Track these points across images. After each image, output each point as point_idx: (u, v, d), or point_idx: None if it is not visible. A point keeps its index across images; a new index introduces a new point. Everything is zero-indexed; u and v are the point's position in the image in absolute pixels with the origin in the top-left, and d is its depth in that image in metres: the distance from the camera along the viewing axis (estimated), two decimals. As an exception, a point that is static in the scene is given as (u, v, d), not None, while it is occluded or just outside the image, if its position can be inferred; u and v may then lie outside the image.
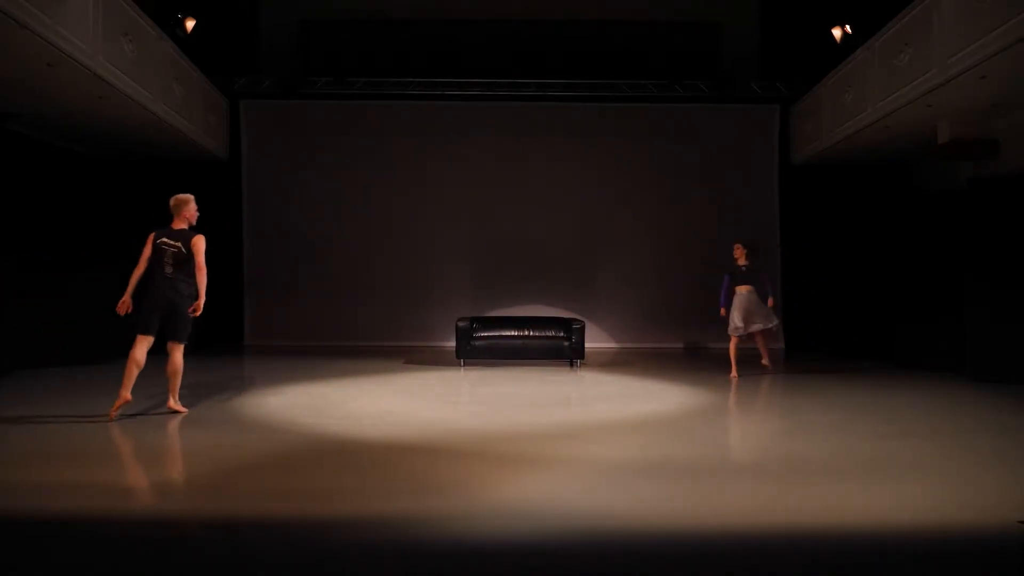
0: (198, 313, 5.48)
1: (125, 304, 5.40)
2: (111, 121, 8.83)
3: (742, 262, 8.41)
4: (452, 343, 10.04)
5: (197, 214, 5.74)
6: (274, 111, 12.48)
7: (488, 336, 9.34)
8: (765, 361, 8.67)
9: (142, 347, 5.44)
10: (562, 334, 9.35)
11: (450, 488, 3.80)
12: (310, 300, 12.26)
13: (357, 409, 6.08)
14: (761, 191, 12.52)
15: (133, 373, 5.38)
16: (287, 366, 9.02)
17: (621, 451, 4.74)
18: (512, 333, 9.36)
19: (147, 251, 5.49)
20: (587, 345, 9.77)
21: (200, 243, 5.51)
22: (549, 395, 7.15)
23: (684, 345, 12.16)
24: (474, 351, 9.28)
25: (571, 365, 9.45)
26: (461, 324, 9.34)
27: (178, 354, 5.59)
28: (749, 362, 8.89)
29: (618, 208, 12.55)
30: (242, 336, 12.14)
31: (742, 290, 8.34)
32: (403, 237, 12.49)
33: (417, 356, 10.62)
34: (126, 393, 5.35)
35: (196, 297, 5.49)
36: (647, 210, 12.54)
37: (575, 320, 9.59)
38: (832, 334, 11.70)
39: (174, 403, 5.67)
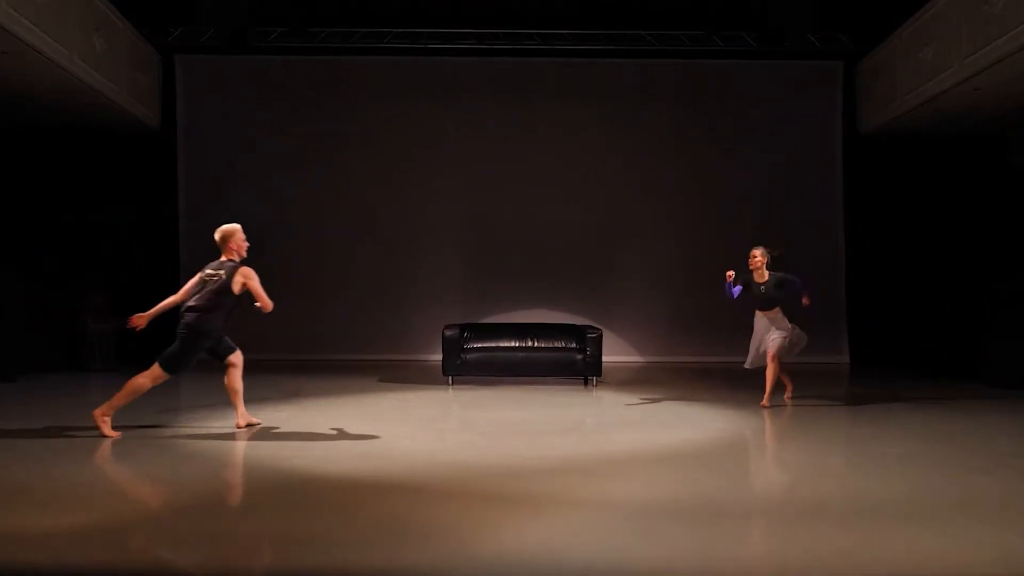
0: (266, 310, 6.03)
1: (140, 318, 6.00)
2: (18, 82, 8.83)
3: (763, 278, 7.52)
4: (438, 356, 10.05)
5: (247, 244, 6.33)
6: (218, 69, 12.50)
7: (483, 348, 9.35)
8: (788, 395, 7.98)
9: (228, 373, 6.31)
10: (574, 345, 9.36)
11: (435, 536, 3.81)
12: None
13: (320, 438, 6.09)
14: (821, 168, 12.55)
15: (232, 397, 6.34)
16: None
17: (647, 490, 4.76)
18: (512, 344, 9.37)
19: (191, 282, 6.17)
20: (605, 359, 9.78)
21: (249, 277, 6.05)
22: (558, 421, 7.16)
23: (725, 359, 12.16)
24: (465, 366, 9.30)
25: (585, 383, 9.47)
26: (449, 333, 9.36)
27: (146, 373, 5.90)
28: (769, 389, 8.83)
29: (644, 189, 12.57)
30: (178, 348, 12.14)
31: (765, 315, 7.61)
32: (378, 226, 12.51)
33: (395, 373, 10.63)
34: (242, 417, 6.38)
35: (197, 327, 5.94)
36: (679, 191, 12.56)
37: (590, 328, 9.60)
38: (906, 343, 11.74)
39: (100, 412, 5.88)
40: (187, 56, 12.40)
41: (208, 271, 6.15)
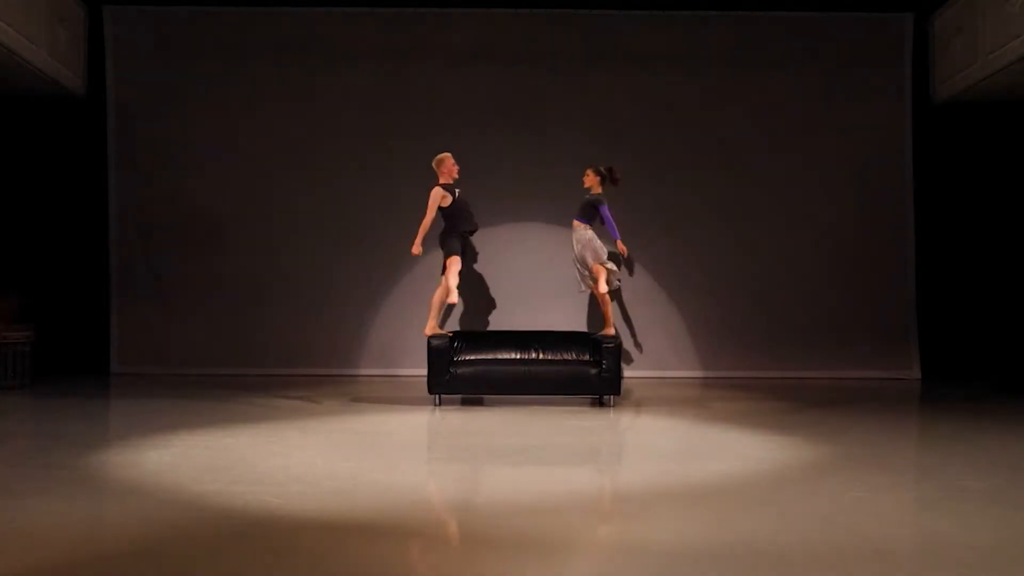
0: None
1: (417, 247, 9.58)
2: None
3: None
4: (422, 370, 10.03)
5: (456, 167, 9.80)
6: (156, 22, 12.45)
7: (477, 360, 9.35)
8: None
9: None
10: (588, 357, 9.35)
11: (418, 589, 3.80)
12: (209, 308, 12.25)
13: (279, 470, 6.08)
14: (886, 142, 12.52)
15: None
16: (174, 406, 9.02)
17: (676, 534, 4.74)
18: (512, 356, 9.37)
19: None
20: (626, 374, 9.77)
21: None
22: (567, 449, 7.16)
23: (774, 374, 12.13)
24: (456, 382, 9.30)
25: (601, 404, 9.46)
26: (436, 342, 9.35)
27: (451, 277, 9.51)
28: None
29: (672, 167, 12.54)
30: (107, 361, 12.16)
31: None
32: (348, 213, 12.47)
33: (369, 390, 10.65)
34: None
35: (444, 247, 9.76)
36: (715, 170, 12.52)
37: (607, 336, 9.58)
38: (990, 355, 11.75)
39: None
40: (119, 8, 12.36)
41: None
